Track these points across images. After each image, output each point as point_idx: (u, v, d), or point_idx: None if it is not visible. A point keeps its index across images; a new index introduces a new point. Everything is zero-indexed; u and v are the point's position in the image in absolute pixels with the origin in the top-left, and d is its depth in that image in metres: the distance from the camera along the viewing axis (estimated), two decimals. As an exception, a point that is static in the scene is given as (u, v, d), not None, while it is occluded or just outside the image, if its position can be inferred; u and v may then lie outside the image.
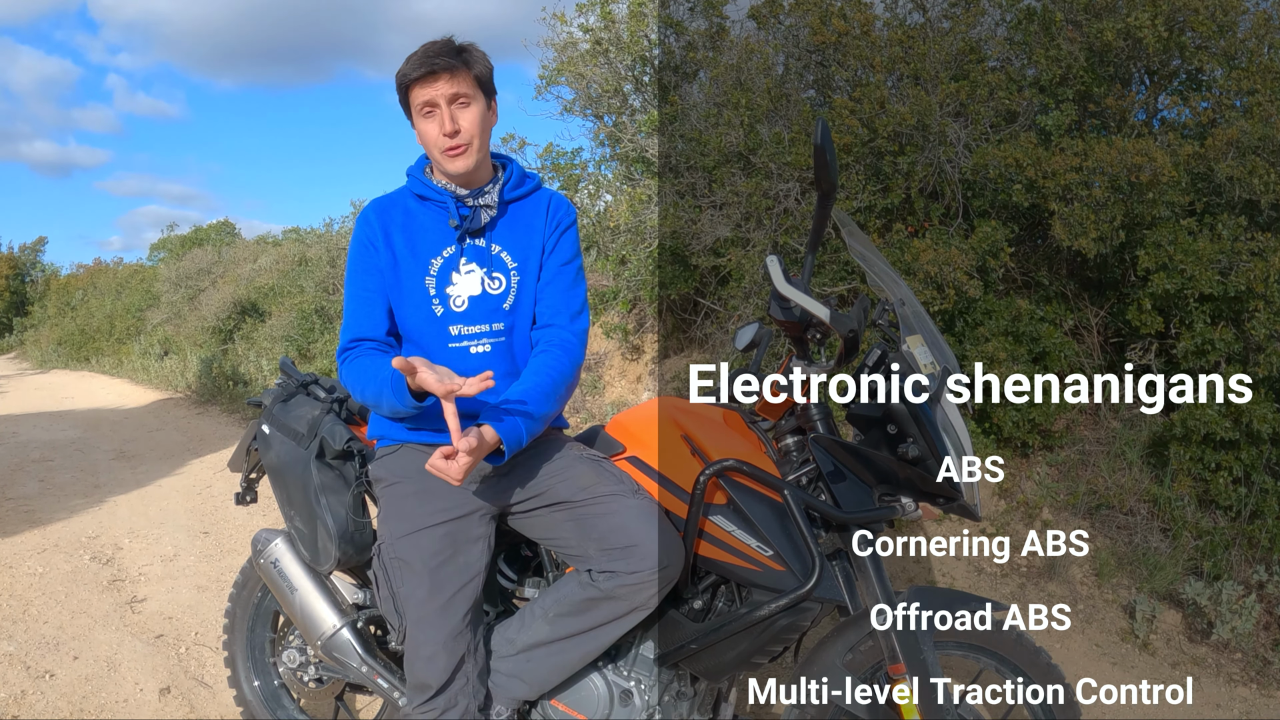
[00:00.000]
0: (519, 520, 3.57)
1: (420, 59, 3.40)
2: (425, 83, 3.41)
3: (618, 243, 9.50)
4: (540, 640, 3.48)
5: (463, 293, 3.54)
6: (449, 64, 3.40)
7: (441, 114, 3.42)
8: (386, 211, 3.61)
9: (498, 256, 3.60)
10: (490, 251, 3.59)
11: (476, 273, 3.56)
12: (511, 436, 3.27)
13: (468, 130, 3.46)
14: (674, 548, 3.33)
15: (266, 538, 4.13)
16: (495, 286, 3.56)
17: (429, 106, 3.43)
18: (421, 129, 3.49)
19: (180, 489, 10.34)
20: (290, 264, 24.94)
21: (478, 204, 3.58)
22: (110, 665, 5.65)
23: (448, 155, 3.46)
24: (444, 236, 3.57)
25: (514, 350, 3.59)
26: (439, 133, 3.43)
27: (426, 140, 3.49)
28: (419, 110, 3.45)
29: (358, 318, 3.55)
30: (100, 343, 35.42)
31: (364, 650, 3.93)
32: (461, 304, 3.53)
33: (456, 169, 3.49)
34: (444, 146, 3.45)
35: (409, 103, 3.49)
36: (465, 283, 3.55)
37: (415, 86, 3.43)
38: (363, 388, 3.41)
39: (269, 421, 4.00)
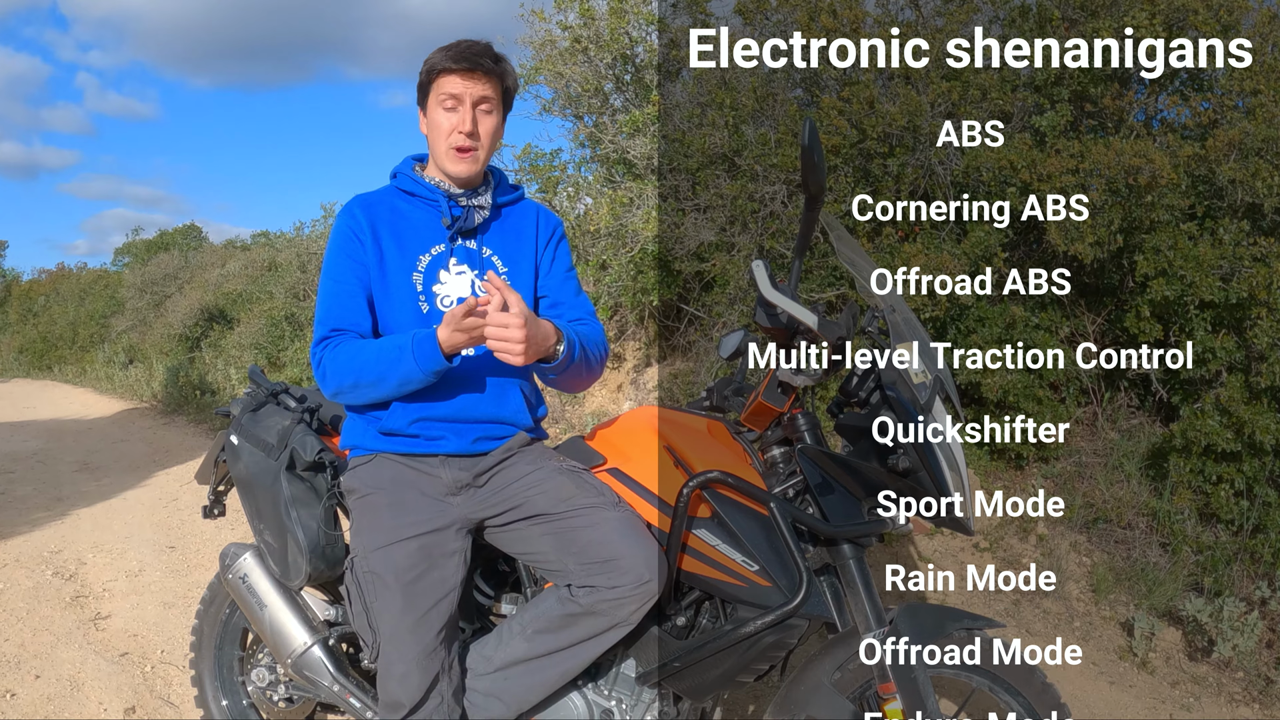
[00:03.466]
0: (496, 534, 3.57)
1: (462, 53, 3.44)
2: (460, 76, 3.45)
3: (598, 247, 9.49)
4: (518, 658, 3.47)
5: (452, 293, 3.55)
6: (490, 67, 3.46)
7: (465, 111, 3.46)
8: (373, 207, 3.61)
9: (489, 260, 3.62)
10: (481, 254, 3.61)
11: (467, 274, 3.58)
12: (569, 335, 3.36)
13: (483, 136, 3.52)
14: (656, 562, 3.32)
15: (235, 552, 4.12)
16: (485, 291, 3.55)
17: (454, 100, 3.46)
18: (436, 119, 3.50)
19: (146, 502, 10.30)
20: (259, 269, 24.96)
21: (471, 204, 3.60)
22: (73, 684, 5.63)
23: (456, 154, 3.50)
24: (434, 234, 3.58)
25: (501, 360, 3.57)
26: (455, 128, 3.46)
27: (438, 131, 3.51)
28: (440, 101, 3.48)
29: (338, 309, 3.52)
30: (63, 351, 35.41)
31: (336, 669, 3.92)
32: (450, 304, 3.52)
33: (460, 171, 3.52)
34: (456, 144, 3.48)
35: (430, 89, 3.51)
36: (455, 284, 3.56)
37: (446, 76, 3.46)
38: (358, 369, 3.40)
39: (237, 432, 3.99)
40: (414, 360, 3.28)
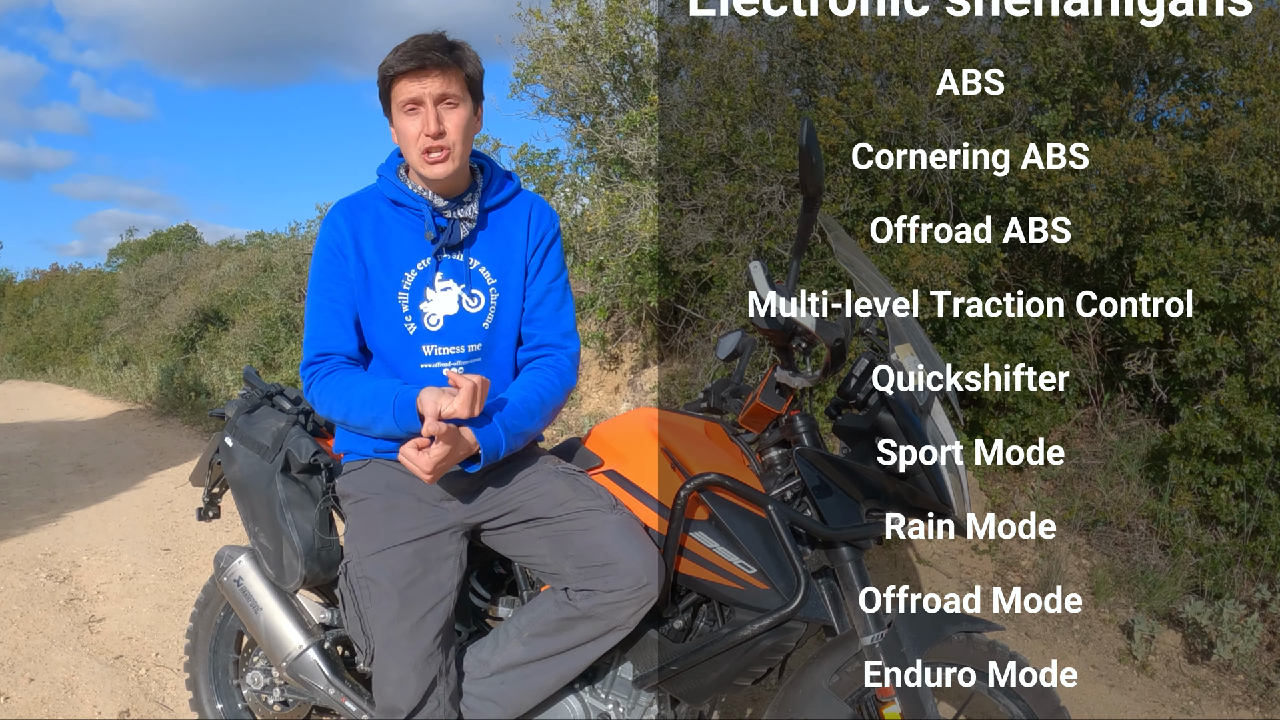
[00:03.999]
0: (492, 537, 3.57)
1: (410, 51, 3.31)
2: (413, 77, 3.33)
3: (595, 248, 9.49)
4: (515, 661, 3.47)
5: (438, 311, 3.49)
6: (441, 60, 3.32)
7: (426, 113, 3.34)
8: (356, 215, 3.52)
9: (476, 272, 3.56)
10: (469, 267, 3.54)
11: (454, 290, 3.51)
12: (490, 444, 3.27)
13: (452, 134, 3.38)
14: (654, 565, 3.32)
15: (230, 555, 4.12)
16: (474, 305, 3.53)
17: (413, 104, 3.35)
18: (401, 127, 3.40)
19: (140, 504, 10.31)
20: (254, 270, 24.94)
21: (456, 216, 3.52)
22: (67, 687, 5.63)
23: (427, 159, 3.38)
24: (418, 248, 3.51)
25: (488, 369, 3.54)
26: (420, 132, 3.35)
27: (405, 139, 3.41)
28: (401, 107, 3.37)
29: (324, 331, 3.50)
30: (57, 352, 35.43)
31: (331, 672, 3.92)
32: (437, 323, 3.49)
33: (435, 174, 3.40)
34: (424, 147, 3.36)
35: (390, 97, 3.40)
36: (441, 300, 3.50)
37: (401, 80, 3.34)
38: (346, 408, 3.40)
39: (232, 434, 3.99)
40: (394, 420, 3.28)
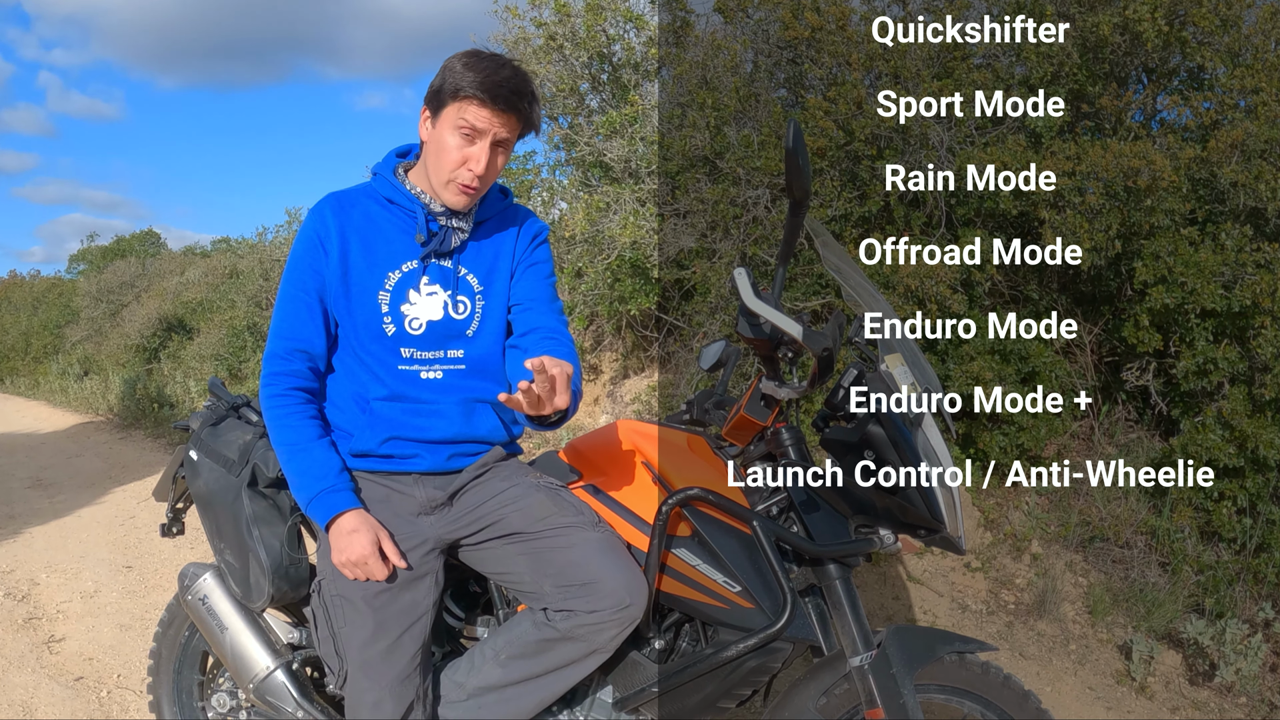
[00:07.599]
0: (470, 553, 3.57)
1: (500, 87, 3.29)
2: (491, 111, 3.32)
3: (573, 254, 9.47)
4: (491, 684, 3.46)
5: (421, 315, 3.50)
6: (520, 109, 3.36)
7: (481, 150, 3.35)
8: (345, 210, 3.53)
9: (464, 280, 3.57)
10: (457, 274, 3.56)
11: (439, 295, 3.52)
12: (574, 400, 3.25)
13: (490, 177, 3.44)
14: (637, 585, 3.32)
15: (194, 572, 4.10)
16: (459, 311, 3.54)
17: (475, 134, 3.34)
18: (447, 141, 3.36)
19: (101, 520, 10.27)
20: (220, 277, 24.91)
21: (450, 224, 3.53)
22: (26, 710, 5.62)
23: (458, 188, 3.40)
24: (406, 249, 3.52)
25: (469, 377, 3.56)
26: (465, 164, 3.36)
27: (446, 156, 3.38)
28: (458, 125, 3.33)
29: (294, 322, 3.50)
30: (15, 362, 35.27)
31: (300, 694, 3.91)
32: (419, 326, 3.49)
33: (458, 205, 3.45)
34: (463, 181, 3.37)
35: (449, 104, 3.35)
36: (426, 305, 3.51)
37: (472, 105, 3.31)
38: (282, 452, 3.48)
39: (197, 447, 3.98)
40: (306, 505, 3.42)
